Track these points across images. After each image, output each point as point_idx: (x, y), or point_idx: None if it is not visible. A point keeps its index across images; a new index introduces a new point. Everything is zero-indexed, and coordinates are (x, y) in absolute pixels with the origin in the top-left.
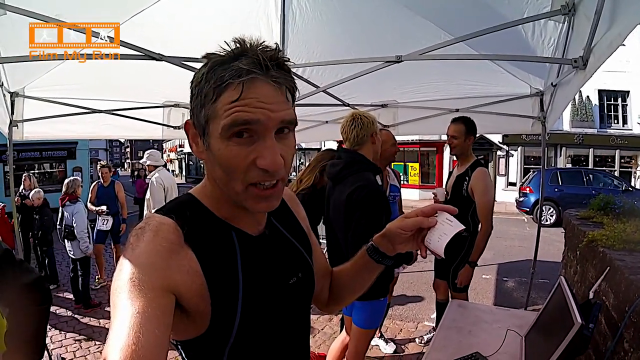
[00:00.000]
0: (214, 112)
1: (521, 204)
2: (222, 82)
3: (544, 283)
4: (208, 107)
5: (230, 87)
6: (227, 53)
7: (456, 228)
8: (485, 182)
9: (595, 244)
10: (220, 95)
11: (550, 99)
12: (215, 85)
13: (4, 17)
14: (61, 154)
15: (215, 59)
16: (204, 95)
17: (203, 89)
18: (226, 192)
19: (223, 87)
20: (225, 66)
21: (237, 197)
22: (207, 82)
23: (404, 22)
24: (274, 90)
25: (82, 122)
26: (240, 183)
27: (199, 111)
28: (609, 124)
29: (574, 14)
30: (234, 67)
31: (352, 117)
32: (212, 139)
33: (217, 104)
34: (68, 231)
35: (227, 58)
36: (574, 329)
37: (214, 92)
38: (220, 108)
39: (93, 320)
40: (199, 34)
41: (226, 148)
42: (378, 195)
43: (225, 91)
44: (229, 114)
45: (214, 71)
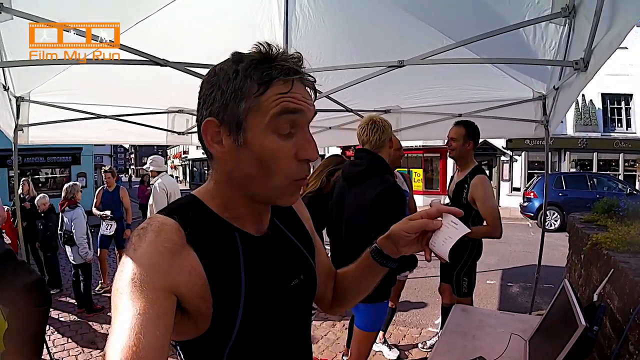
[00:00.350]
0: (258, 105)
1: (525, 209)
2: (270, 77)
3: (549, 288)
4: (250, 100)
5: (279, 83)
6: (260, 53)
7: (462, 231)
8: (484, 189)
9: (599, 247)
10: (268, 88)
11: (553, 102)
12: (262, 80)
13: (10, 22)
14: (65, 160)
15: (252, 57)
16: (245, 89)
17: (243, 83)
18: (255, 189)
19: (272, 82)
20: (268, 65)
21: (274, 191)
22: (248, 77)
23: (406, 27)
24: (308, 92)
25: (86, 127)
26: (279, 177)
27: (235, 106)
28: (612, 127)
29: (575, 16)
30: (282, 67)
31: (374, 121)
32: (252, 132)
33: (263, 97)
34: (67, 237)
35: (262, 58)
36: (578, 331)
37: (260, 86)
38: (266, 99)
39: (95, 324)
40: (202, 40)
41: (270, 141)
42: (403, 198)
43: (273, 86)
44: (278, 103)
45: (255, 68)
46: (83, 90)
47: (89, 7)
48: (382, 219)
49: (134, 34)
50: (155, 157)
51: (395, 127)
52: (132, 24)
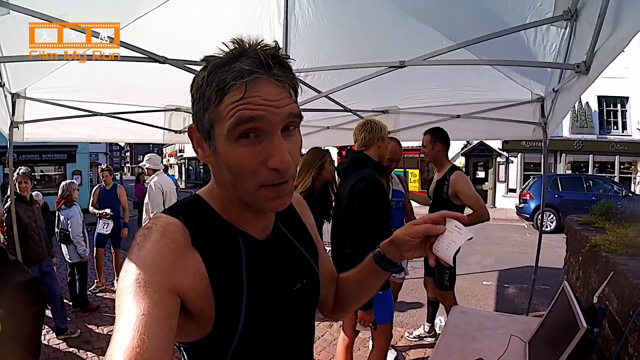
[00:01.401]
0: (218, 115)
1: (521, 210)
2: (224, 84)
3: (545, 289)
4: (211, 110)
5: (233, 89)
6: (226, 54)
7: (466, 236)
8: (464, 181)
9: (597, 249)
10: (224, 97)
11: (552, 104)
12: (218, 88)
13: (6, 17)
14: (61, 157)
15: (215, 61)
16: (207, 98)
17: (205, 92)
18: (235, 195)
19: (226, 89)
20: (226, 68)
21: (249, 197)
22: (209, 85)
23: (406, 28)
24: (277, 88)
25: (83, 124)
26: (251, 184)
27: (202, 115)
28: (608, 130)
29: (576, 20)
30: (236, 69)
31: (364, 122)
32: (218, 142)
33: (221, 106)
34: (63, 235)
35: (227, 59)
36: (579, 333)
37: (217, 94)
38: (223, 110)
39: (90, 324)
40: (201, 37)
41: (233, 150)
42: (375, 188)
43: (228, 93)
44: (232, 114)
45: (215, 74)
46: (80, 87)
47: (87, 2)
48: (354, 206)
49: (132, 31)
50: (152, 155)
51: (393, 127)
52: (131, 21)
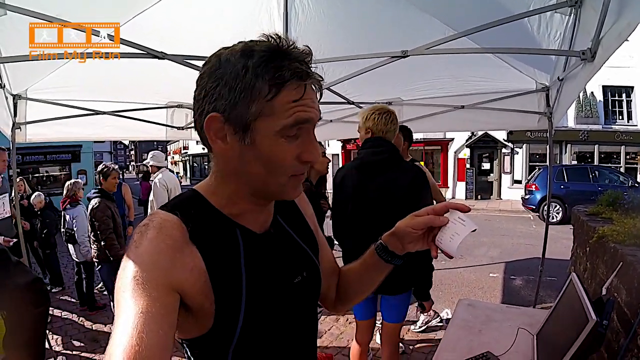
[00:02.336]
0: (271, 109)
1: (527, 201)
2: (282, 80)
3: (552, 281)
4: (262, 102)
5: (291, 87)
6: (268, 48)
7: (470, 228)
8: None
9: (605, 240)
10: (279, 93)
11: (557, 93)
12: (273, 82)
13: (4, 17)
14: (65, 157)
15: (262, 52)
16: (255, 89)
17: (253, 83)
18: (260, 186)
19: (283, 86)
20: (279, 64)
21: (278, 188)
22: (259, 76)
23: (407, 18)
24: (315, 93)
25: (85, 124)
26: (284, 176)
27: (245, 107)
28: (613, 120)
29: (581, 6)
30: (294, 68)
31: (388, 111)
32: (261, 135)
33: (275, 101)
34: (69, 235)
35: (273, 53)
36: (588, 326)
37: (271, 89)
38: (279, 106)
39: (98, 322)
40: (201, 32)
41: (277, 145)
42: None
43: (285, 90)
44: (291, 113)
45: (266, 66)
46: (81, 86)
47: (84, 1)
48: (423, 195)
49: (131, 28)
50: (156, 153)
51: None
52: (130, 17)
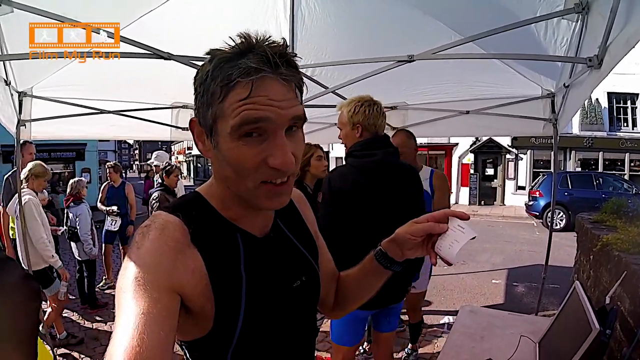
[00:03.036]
0: (222, 111)
1: (530, 208)
2: (230, 80)
3: (555, 288)
4: (215, 106)
5: (239, 86)
6: (232, 49)
7: (468, 235)
8: None
9: (609, 248)
10: (228, 93)
11: (562, 100)
12: (223, 83)
13: (10, 15)
14: (70, 155)
15: (220, 55)
16: (211, 93)
17: (209, 87)
18: (235, 191)
19: (231, 86)
20: (232, 63)
21: (249, 194)
22: (214, 80)
23: (413, 23)
24: (283, 88)
25: (90, 122)
26: (251, 181)
27: (205, 110)
28: (618, 127)
29: (588, 12)
30: (242, 65)
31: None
32: (221, 138)
33: (225, 103)
34: (72, 232)
35: (234, 54)
36: (591, 335)
37: (222, 90)
38: (228, 107)
39: (99, 320)
40: (207, 33)
41: (236, 148)
42: None
43: (234, 90)
44: (237, 113)
45: (221, 69)
46: (86, 85)
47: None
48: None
49: (137, 28)
50: (160, 153)
51: (402, 123)
52: (136, 18)
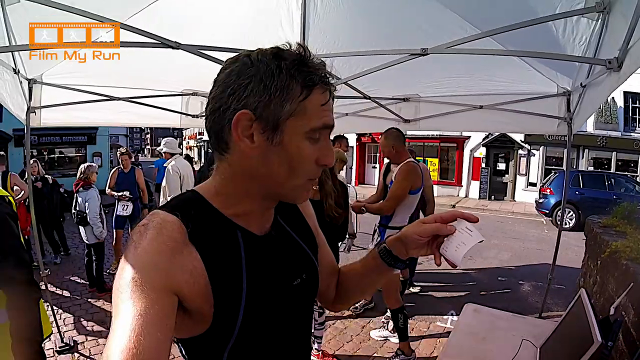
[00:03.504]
0: (302, 110)
1: (541, 205)
2: (312, 83)
3: (560, 289)
4: (295, 103)
5: (318, 90)
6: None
7: (476, 239)
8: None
9: (617, 256)
10: (310, 94)
11: (579, 99)
12: (305, 84)
13: (16, 5)
14: (81, 139)
15: (294, 57)
16: (289, 89)
17: (286, 82)
18: (276, 187)
19: (312, 88)
20: (308, 69)
21: (293, 190)
22: (293, 77)
23: (428, 13)
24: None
25: (100, 109)
26: (303, 177)
27: (279, 106)
28: (633, 127)
29: (609, 12)
30: (321, 73)
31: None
32: (288, 135)
33: (307, 103)
34: (81, 217)
35: (300, 59)
36: (592, 347)
37: (302, 90)
38: (310, 108)
39: (106, 304)
40: (217, 22)
41: (304, 146)
42: None
43: (314, 93)
44: (320, 117)
45: (298, 69)
46: (96, 72)
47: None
48: None
49: (146, 16)
50: (169, 140)
51: (413, 115)
52: (145, 5)
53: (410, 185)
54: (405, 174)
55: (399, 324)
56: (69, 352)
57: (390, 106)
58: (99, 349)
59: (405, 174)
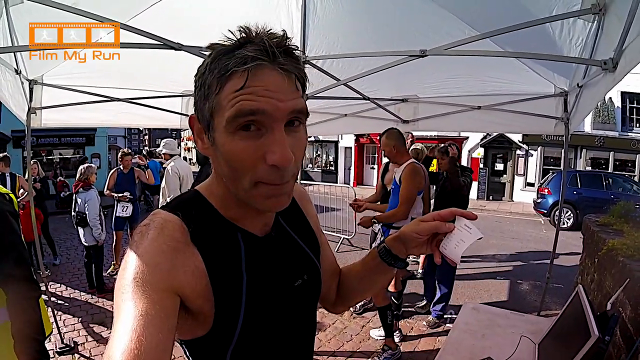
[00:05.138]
0: (218, 104)
1: (539, 205)
2: (226, 71)
3: (558, 288)
4: (212, 99)
5: (235, 76)
6: (232, 42)
7: (475, 236)
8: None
9: (614, 253)
10: (225, 85)
11: (575, 100)
12: (219, 74)
13: (20, 6)
14: (80, 140)
15: (219, 48)
16: (207, 86)
17: (207, 79)
18: (233, 189)
19: (227, 77)
20: (230, 55)
21: (245, 194)
22: (211, 72)
23: (427, 15)
24: (282, 79)
25: (100, 110)
26: (247, 180)
27: (203, 104)
28: (630, 127)
29: (605, 14)
30: (239, 55)
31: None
32: (217, 133)
33: (221, 95)
34: (80, 218)
35: (232, 47)
36: (590, 341)
37: (218, 82)
38: (224, 99)
39: (106, 305)
40: (218, 23)
41: (232, 142)
42: None
43: (230, 80)
44: (233, 104)
45: (218, 61)
46: (96, 73)
47: None
48: None
49: (148, 17)
50: (168, 140)
51: (412, 116)
52: (147, 6)
53: (417, 187)
54: (411, 176)
55: (387, 321)
56: (69, 353)
57: (389, 107)
58: (100, 350)
59: (411, 176)
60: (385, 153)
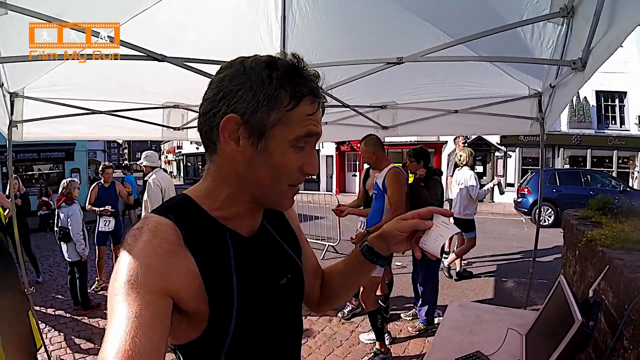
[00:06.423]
0: (288, 119)
1: (519, 204)
2: (301, 94)
3: (543, 283)
4: (281, 112)
5: (307, 102)
6: (290, 64)
7: (452, 231)
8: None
9: (594, 244)
10: (298, 105)
11: (549, 100)
12: (294, 95)
13: (4, 17)
14: (59, 155)
15: (285, 66)
16: (276, 98)
17: (274, 92)
18: (263, 191)
19: (301, 99)
20: (299, 80)
21: (276, 196)
22: (282, 87)
23: (403, 24)
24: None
25: (82, 122)
26: (285, 184)
27: (265, 113)
28: (606, 124)
29: (573, 16)
30: (311, 86)
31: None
32: (274, 142)
33: (293, 112)
34: (63, 233)
35: (293, 69)
36: (574, 326)
37: (291, 100)
38: (296, 117)
39: (92, 321)
40: (199, 35)
41: (288, 153)
42: None
43: (302, 103)
44: (305, 125)
45: (289, 79)
46: (78, 85)
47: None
48: None
49: (131, 29)
50: (150, 153)
51: (391, 122)
52: (129, 18)
53: (405, 188)
54: (396, 180)
55: (377, 325)
56: None
57: (369, 114)
58: None
59: (396, 180)
60: (365, 159)
